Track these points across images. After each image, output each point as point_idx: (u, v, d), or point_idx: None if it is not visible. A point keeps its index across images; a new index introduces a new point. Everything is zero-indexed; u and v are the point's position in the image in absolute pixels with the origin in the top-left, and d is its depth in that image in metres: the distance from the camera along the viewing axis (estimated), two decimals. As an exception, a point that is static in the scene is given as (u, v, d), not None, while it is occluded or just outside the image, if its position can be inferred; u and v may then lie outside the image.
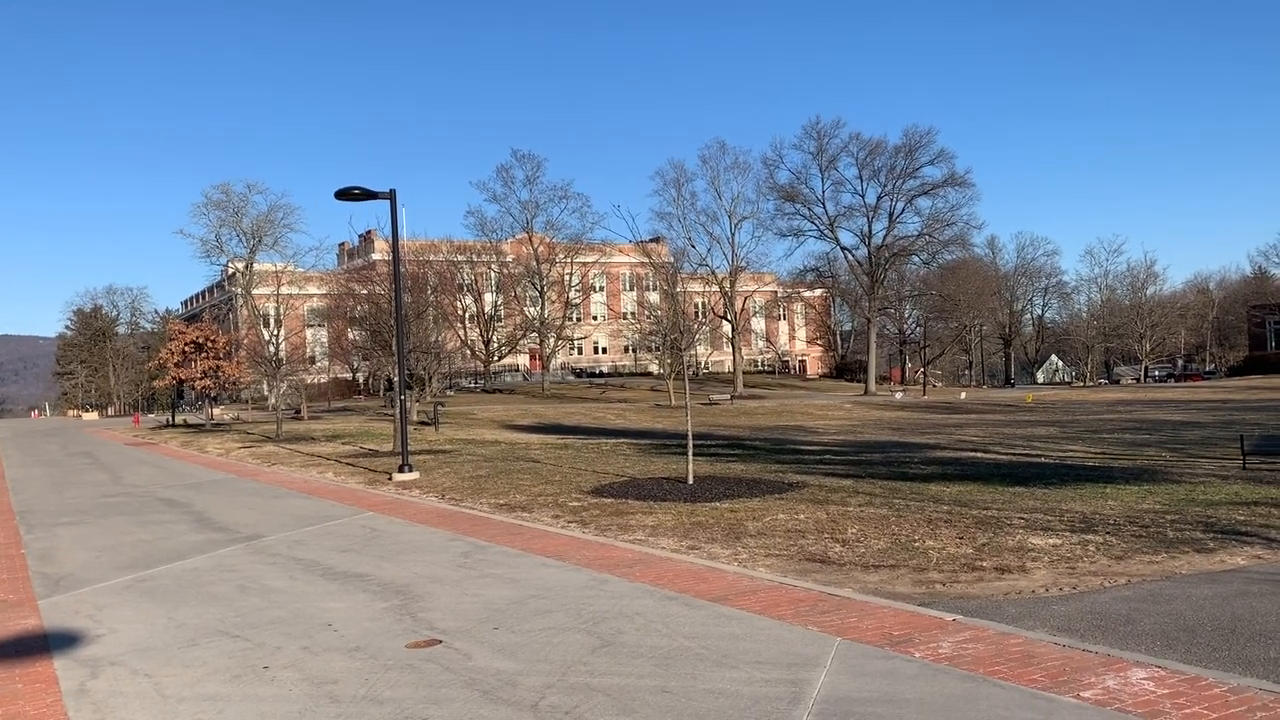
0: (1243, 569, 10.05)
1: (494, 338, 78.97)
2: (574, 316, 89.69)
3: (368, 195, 21.23)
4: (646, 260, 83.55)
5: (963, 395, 75.30)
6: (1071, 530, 12.31)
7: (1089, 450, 29.29)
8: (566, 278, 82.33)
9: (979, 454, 28.01)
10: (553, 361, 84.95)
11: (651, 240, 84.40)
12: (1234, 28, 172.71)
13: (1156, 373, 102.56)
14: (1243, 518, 13.19)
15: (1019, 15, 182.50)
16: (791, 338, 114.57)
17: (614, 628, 7.99)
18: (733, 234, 79.87)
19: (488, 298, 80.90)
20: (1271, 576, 9.58)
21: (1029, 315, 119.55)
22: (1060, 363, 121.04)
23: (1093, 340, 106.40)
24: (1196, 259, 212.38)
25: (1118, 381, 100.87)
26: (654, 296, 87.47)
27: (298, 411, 56.47)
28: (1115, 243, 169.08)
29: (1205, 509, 14.17)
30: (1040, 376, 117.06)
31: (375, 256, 77.58)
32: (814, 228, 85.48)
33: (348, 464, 26.05)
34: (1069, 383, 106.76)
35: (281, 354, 56.74)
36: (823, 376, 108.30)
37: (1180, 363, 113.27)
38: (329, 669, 7.19)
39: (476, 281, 79.19)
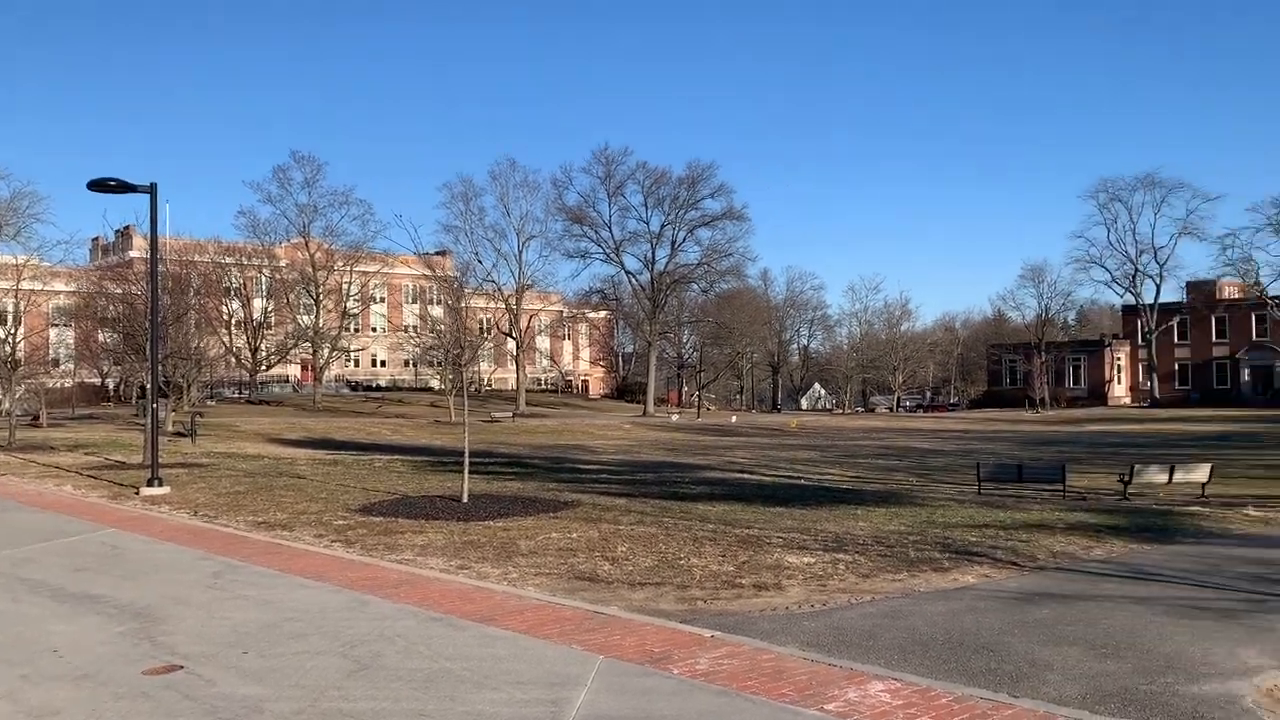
0: (972, 586, 10.95)
1: (263, 346, 75.09)
2: (352, 327, 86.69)
3: (125, 188, 19.73)
4: (431, 273, 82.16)
5: (734, 419, 78.27)
6: (825, 549, 13.02)
7: (845, 474, 31.15)
8: (345, 286, 79.50)
9: (746, 475, 29.21)
10: (327, 373, 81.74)
11: (437, 253, 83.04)
12: (988, 86, 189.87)
13: (908, 403, 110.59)
14: (974, 539, 14.38)
15: (794, 62, 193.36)
16: (575, 357, 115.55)
17: (373, 650, 7.74)
18: (520, 252, 79.89)
19: (257, 303, 76.87)
20: (995, 594, 10.49)
21: (796, 345, 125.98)
22: (822, 390, 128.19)
23: (852, 370, 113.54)
24: (946, 299, 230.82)
25: (873, 410, 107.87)
26: (437, 310, 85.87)
27: (36, 418, 51.51)
28: (875, 281, 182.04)
29: (944, 530, 15.35)
30: (804, 403, 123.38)
31: (133, 254, 72.22)
32: (600, 250, 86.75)
33: (90, 476, 23.98)
34: (830, 410, 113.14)
35: (19, 354, 51.65)
36: (604, 397, 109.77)
37: (929, 394, 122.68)
38: (51, 699, 6.56)
39: (246, 286, 75.15)
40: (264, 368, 76.29)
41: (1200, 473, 24.36)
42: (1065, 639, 8.38)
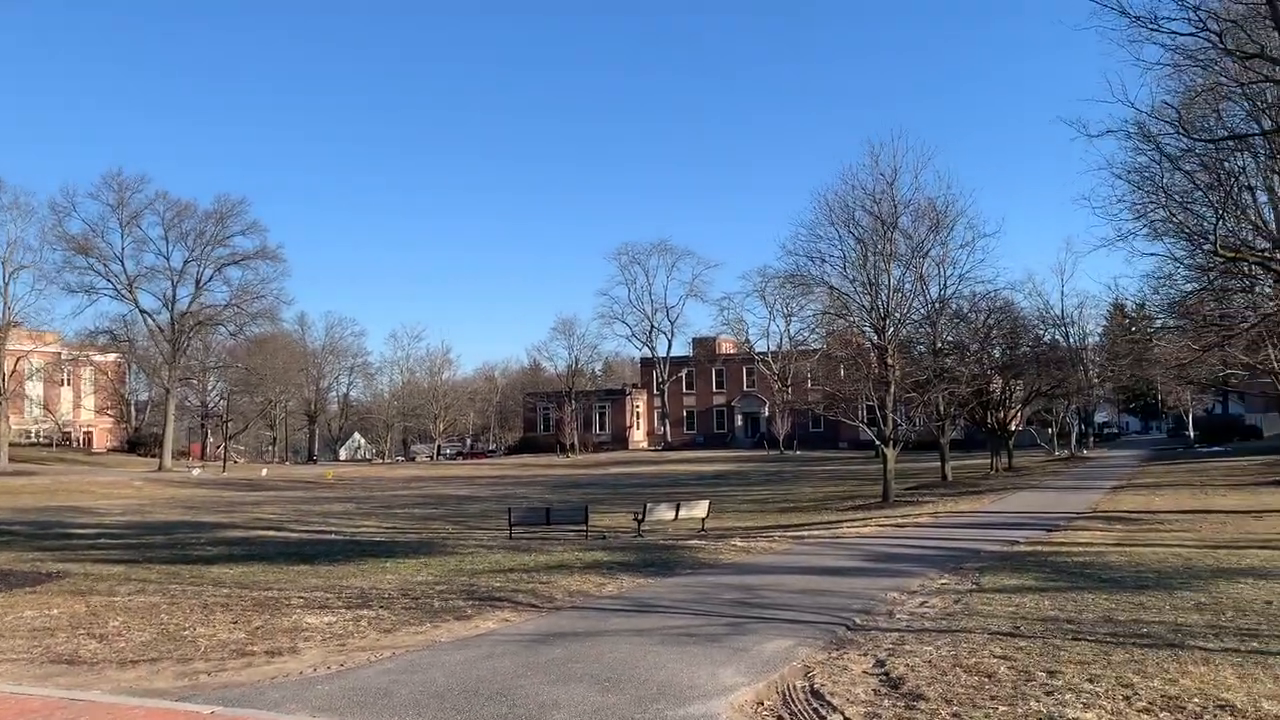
0: (493, 632, 11.16)
1: None
2: None
3: None
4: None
5: (264, 472, 73.83)
6: (348, 607, 12.59)
7: (381, 525, 30.59)
8: None
9: (273, 532, 27.59)
10: None
11: (-108, 282, 69.42)
12: (540, 155, 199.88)
13: (448, 450, 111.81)
14: (499, 584, 14.75)
15: (339, 107, 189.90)
16: (77, 406, 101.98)
17: None
18: (7, 284, 69.31)
19: None
20: (514, 637, 10.78)
21: (335, 393, 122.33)
22: (363, 440, 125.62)
23: (393, 419, 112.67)
24: (486, 350, 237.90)
25: (414, 459, 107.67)
26: (-110, 350, 71.40)
27: None
28: (417, 329, 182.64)
29: (470, 578, 15.57)
30: (343, 453, 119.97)
31: None
32: (110, 286, 77.60)
33: None
34: (370, 460, 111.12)
35: None
36: (112, 450, 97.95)
37: (469, 441, 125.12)
38: None
39: None
40: None
41: (700, 509, 27.21)
42: (574, 676, 8.80)
